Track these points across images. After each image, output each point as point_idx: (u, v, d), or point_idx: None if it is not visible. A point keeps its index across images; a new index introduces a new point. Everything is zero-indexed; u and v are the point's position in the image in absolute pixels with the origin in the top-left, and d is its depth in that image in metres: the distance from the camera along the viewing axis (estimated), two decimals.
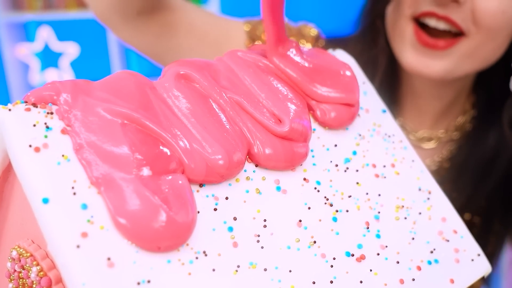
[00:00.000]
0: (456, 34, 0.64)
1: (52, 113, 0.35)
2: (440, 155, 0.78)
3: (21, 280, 0.37)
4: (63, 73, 2.58)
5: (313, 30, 0.78)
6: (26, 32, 2.62)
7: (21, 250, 0.36)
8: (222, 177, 0.37)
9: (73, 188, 0.33)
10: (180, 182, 0.35)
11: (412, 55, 0.66)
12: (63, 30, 2.57)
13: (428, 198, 0.47)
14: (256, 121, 0.41)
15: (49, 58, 2.59)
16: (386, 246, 0.43)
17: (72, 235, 0.32)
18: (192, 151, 0.37)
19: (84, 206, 0.33)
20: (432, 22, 0.63)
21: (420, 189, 0.48)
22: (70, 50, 2.55)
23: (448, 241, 0.46)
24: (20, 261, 0.36)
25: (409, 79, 0.74)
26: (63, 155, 0.34)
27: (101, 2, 0.68)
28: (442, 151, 0.79)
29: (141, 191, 0.33)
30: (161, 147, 0.36)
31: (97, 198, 0.34)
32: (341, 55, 0.52)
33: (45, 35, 2.54)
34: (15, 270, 0.37)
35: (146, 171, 0.34)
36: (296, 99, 0.43)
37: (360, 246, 0.41)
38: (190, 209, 0.34)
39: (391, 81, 0.74)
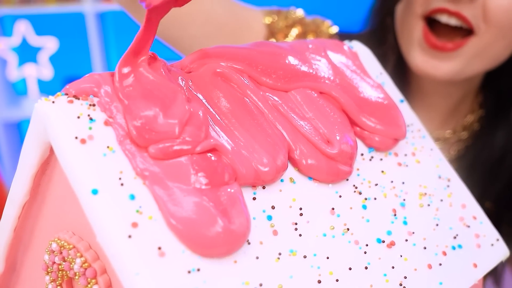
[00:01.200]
0: (465, 33, 0.64)
1: (94, 105, 0.35)
2: (447, 156, 0.78)
3: (60, 272, 0.37)
4: (42, 68, 2.54)
5: (331, 28, 0.78)
6: (3, 26, 2.57)
7: (62, 242, 0.36)
8: (266, 182, 0.38)
9: (120, 179, 0.33)
10: (233, 190, 0.36)
11: (420, 56, 0.66)
12: (42, 25, 2.53)
13: (448, 186, 0.49)
14: (298, 131, 0.42)
15: (27, 53, 2.55)
16: (413, 233, 0.44)
17: (123, 225, 0.32)
18: (241, 156, 0.37)
19: (132, 197, 0.33)
20: (443, 18, 0.63)
21: (440, 177, 0.49)
22: (49, 44, 2.52)
23: (469, 227, 0.47)
24: (61, 253, 0.36)
25: (417, 77, 0.75)
26: (108, 147, 0.34)
27: None
28: (449, 151, 0.79)
29: (198, 200, 0.34)
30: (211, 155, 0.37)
31: (143, 188, 0.34)
32: (358, 46, 0.53)
33: (22, 30, 2.50)
34: (54, 262, 0.37)
35: (203, 180, 0.35)
36: (341, 117, 0.45)
37: (389, 233, 0.42)
38: (246, 218, 0.35)
39: (399, 79, 0.74)
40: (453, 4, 0.61)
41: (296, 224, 0.39)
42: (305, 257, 0.38)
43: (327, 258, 0.38)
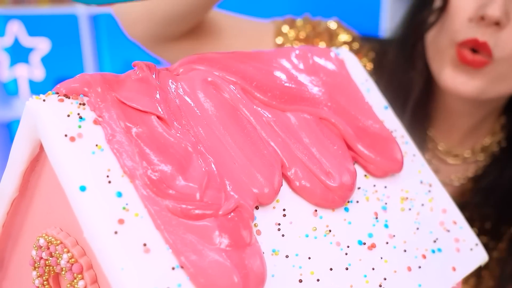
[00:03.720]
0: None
1: (84, 104, 0.36)
2: (465, 174, 0.79)
3: (47, 267, 0.38)
4: (34, 68, 2.54)
5: (345, 35, 0.78)
6: None
7: (49, 238, 0.37)
8: (264, 204, 0.40)
9: (107, 176, 0.34)
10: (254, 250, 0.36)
11: (451, 72, 0.67)
12: (34, 25, 2.54)
13: (429, 191, 0.50)
14: (292, 151, 0.43)
15: (19, 54, 2.55)
16: (394, 236, 0.45)
17: (110, 221, 0.33)
18: (243, 185, 0.38)
19: (119, 194, 0.34)
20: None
21: (421, 182, 0.50)
22: (41, 45, 2.52)
23: (448, 231, 0.48)
24: (48, 248, 0.37)
25: (443, 97, 0.75)
26: (96, 145, 0.35)
27: (141, 29, 0.70)
28: (468, 170, 0.79)
29: (220, 260, 0.34)
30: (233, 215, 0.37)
31: (130, 186, 0.35)
32: (344, 53, 0.54)
33: (15, 30, 2.50)
34: (41, 258, 0.38)
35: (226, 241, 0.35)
36: (340, 146, 0.46)
37: (370, 235, 0.43)
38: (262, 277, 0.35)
39: (426, 100, 0.75)
40: (482, 33, 0.63)
41: (279, 224, 0.40)
42: (287, 256, 0.39)
43: (309, 258, 0.39)
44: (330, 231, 0.42)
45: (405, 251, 0.45)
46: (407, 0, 0.78)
